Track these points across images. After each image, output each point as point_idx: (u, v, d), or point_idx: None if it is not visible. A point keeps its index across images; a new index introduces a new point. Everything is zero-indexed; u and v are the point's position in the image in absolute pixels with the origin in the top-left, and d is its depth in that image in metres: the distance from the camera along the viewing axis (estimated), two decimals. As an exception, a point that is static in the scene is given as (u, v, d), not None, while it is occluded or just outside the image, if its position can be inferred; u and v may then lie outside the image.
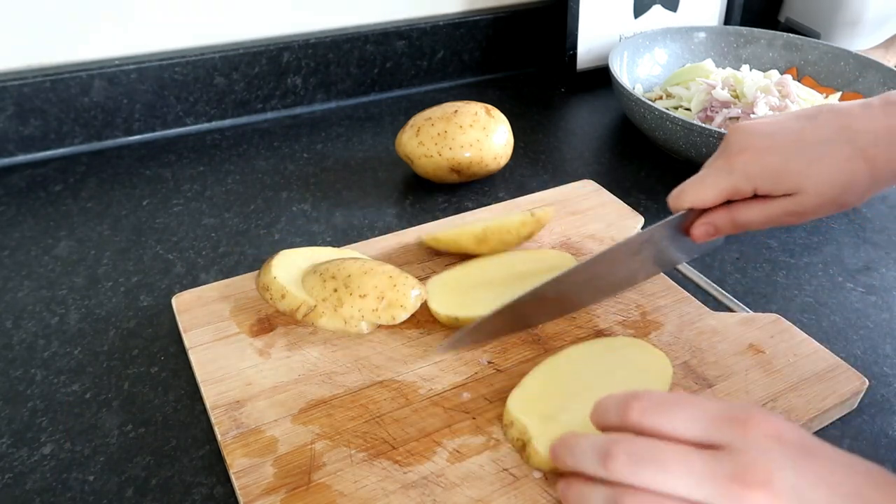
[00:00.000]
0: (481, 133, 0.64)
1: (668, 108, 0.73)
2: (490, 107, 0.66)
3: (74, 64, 0.73)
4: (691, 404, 0.35)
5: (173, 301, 0.52)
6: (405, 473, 0.40)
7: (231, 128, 0.80)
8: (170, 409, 0.46)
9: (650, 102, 0.69)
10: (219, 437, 0.42)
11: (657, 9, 0.92)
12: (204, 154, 0.75)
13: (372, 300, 0.47)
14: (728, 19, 0.97)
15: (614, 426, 0.35)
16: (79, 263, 0.59)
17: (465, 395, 0.45)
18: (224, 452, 0.41)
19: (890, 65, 0.77)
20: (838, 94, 0.79)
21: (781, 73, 0.82)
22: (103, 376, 0.48)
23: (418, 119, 0.66)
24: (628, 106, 0.73)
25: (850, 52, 0.80)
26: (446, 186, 0.69)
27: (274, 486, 0.39)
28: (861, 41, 0.96)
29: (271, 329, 0.49)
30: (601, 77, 0.89)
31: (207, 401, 0.44)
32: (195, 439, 0.44)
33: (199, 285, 0.54)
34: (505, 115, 0.68)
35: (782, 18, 1.06)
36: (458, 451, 0.41)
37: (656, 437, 0.34)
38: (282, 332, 0.49)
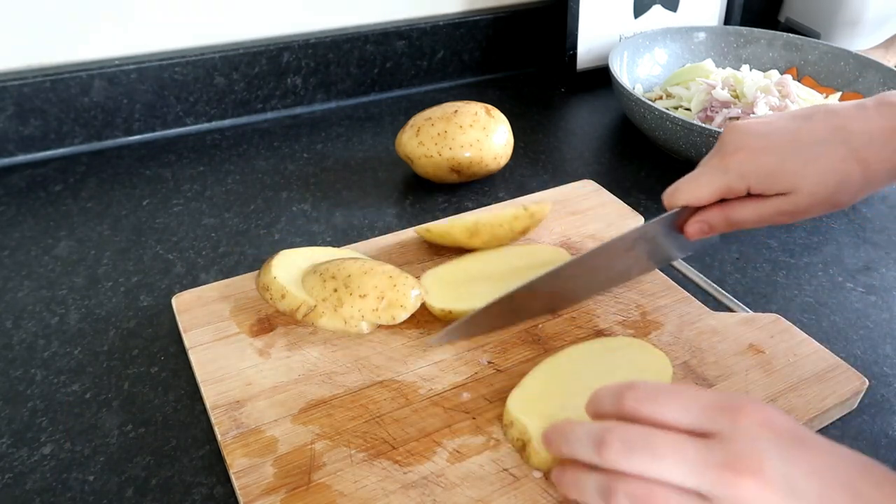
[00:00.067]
0: (481, 133, 0.64)
1: (668, 108, 0.73)
2: (490, 107, 0.66)
3: (74, 64, 0.73)
4: (684, 393, 0.35)
5: (173, 301, 0.52)
6: (405, 473, 0.40)
7: (231, 128, 0.80)
8: (170, 409, 0.46)
9: (650, 102, 0.69)
10: (219, 437, 0.42)
11: (657, 9, 0.92)
12: (204, 154, 0.75)
13: (372, 300, 0.47)
14: (728, 19, 0.97)
15: (609, 415, 0.36)
16: (79, 263, 0.59)
17: (465, 395, 0.45)
18: (224, 452, 0.41)
19: (890, 65, 0.77)
20: (838, 94, 0.79)
21: (781, 73, 0.82)
22: (103, 376, 0.48)
23: (418, 119, 0.66)
24: (628, 106, 0.73)
25: (850, 52, 0.80)
26: (446, 186, 0.69)
27: (274, 486, 0.39)
28: (861, 41, 0.96)
29: (271, 329, 0.49)
30: (601, 77, 0.89)
31: (207, 401, 0.44)
32: (195, 439, 0.44)
33: (199, 285, 0.54)
34: (505, 115, 0.68)
35: (782, 18, 1.06)
36: (458, 451, 0.41)
37: (650, 425, 0.34)
38: (282, 332, 0.49)
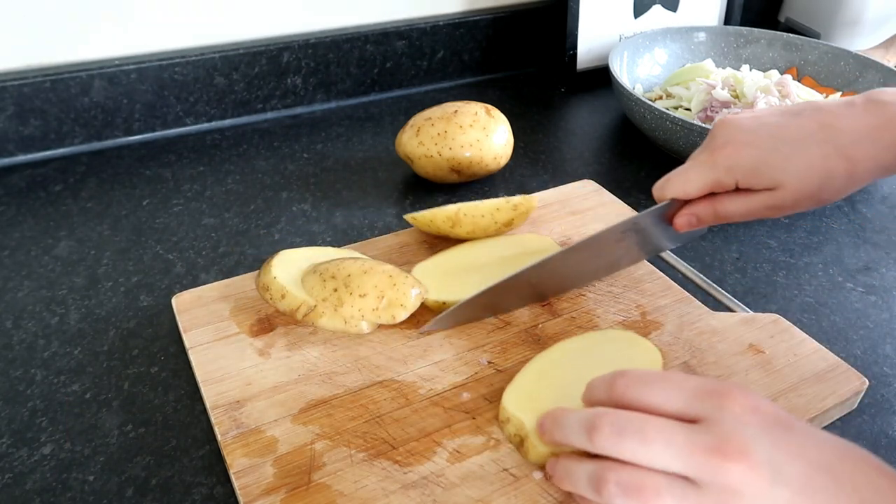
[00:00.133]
0: (481, 133, 0.64)
1: (668, 108, 0.73)
2: (490, 107, 0.66)
3: (74, 64, 0.73)
4: (673, 379, 0.36)
5: (173, 301, 0.52)
6: (405, 473, 0.40)
7: (231, 128, 0.80)
8: (170, 409, 0.46)
9: (650, 102, 0.69)
10: (219, 437, 0.42)
11: (657, 9, 0.92)
12: (204, 154, 0.75)
13: (372, 299, 0.47)
14: (728, 19, 0.97)
15: (603, 402, 0.37)
16: (79, 263, 0.59)
17: (465, 395, 0.45)
18: (224, 452, 0.41)
19: (890, 65, 0.77)
20: (838, 95, 0.79)
21: (781, 73, 0.82)
22: (103, 376, 0.48)
23: (418, 119, 0.66)
24: (628, 106, 0.73)
25: (850, 52, 0.80)
26: (446, 186, 0.69)
27: (274, 486, 0.39)
28: (861, 41, 0.96)
29: (271, 329, 0.49)
30: (601, 77, 0.89)
31: (207, 401, 0.44)
32: (195, 439, 0.44)
33: (199, 285, 0.54)
34: (505, 115, 0.68)
35: (782, 18, 1.06)
36: (458, 451, 0.41)
37: (640, 410, 0.35)
38: (282, 332, 0.49)
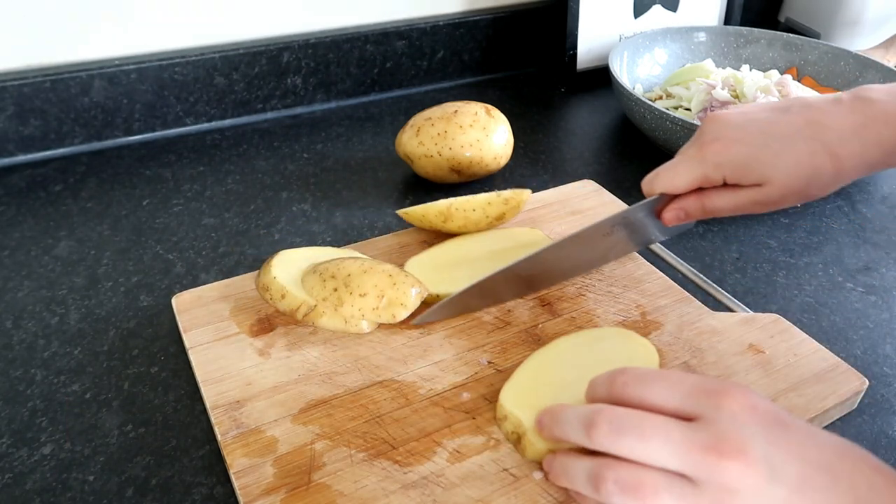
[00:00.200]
0: (481, 133, 0.64)
1: (668, 108, 0.73)
2: (490, 107, 0.66)
3: (74, 64, 0.73)
4: (671, 377, 0.36)
5: (173, 301, 0.52)
6: (405, 473, 0.40)
7: (231, 128, 0.80)
8: (170, 409, 0.46)
9: (650, 102, 0.69)
10: (219, 437, 0.42)
11: (657, 9, 0.92)
12: (204, 154, 0.75)
13: (372, 299, 0.47)
14: (728, 19, 0.97)
15: (602, 399, 0.37)
16: (79, 263, 0.59)
17: (465, 395, 0.45)
18: (224, 452, 0.41)
19: (890, 65, 0.77)
20: (838, 94, 0.79)
21: (781, 73, 0.82)
22: (103, 376, 0.48)
23: (418, 119, 0.66)
24: (628, 106, 0.73)
25: (850, 52, 0.80)
26: (446, 186, 0.69)
27: (274, 486, 0.39)
28: (861, 41, 0.96)
29: (271, 329, 0.49)
30: (601, 77, 0.89)
31: (207, 401, 0.44)
32: (195, 439, 0.44)
33: (199, 285, 0.54)
34: (505, 115, 0.68)
35: (782, 18, 1.06)
36: (458, 451, 0.41)
37: (638, 408, 0.35)
38: (282, 332, 0.49)
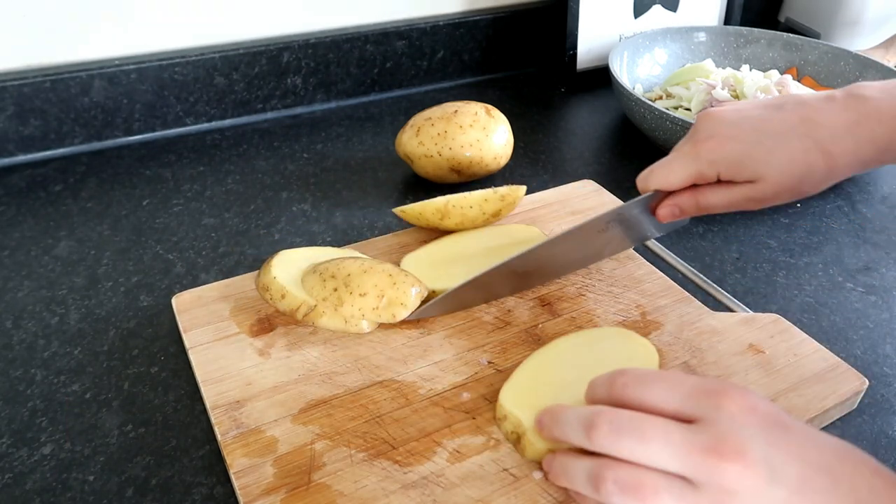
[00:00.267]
0: (481, 133, 0.64)
1: (668, 108, 0.73)
2: (490, 107, 0.66)
3: (74, 64, 0.73)
4: (671, 379, 0.36)
5: (173, 301, 0.52)
6: (405, 473, 0.40)
7: (231, 128, 0.80)
8: (170, 409, 0.46)
9: (650, 102, 0.69)
10: (219, 437, 0.42)
11: (657, 9, 0.92)
12: (204, 154, 0.75)
13: (372, 298, 0.47)
14: (728, 19, 0.97)
15: (603, 400, 0.37)
16: (79, 263, 0.59)
17: (465, 395, 0.45)
18: (224, 452, 0.41)
19: (890, 65, 0.77)
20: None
21: (781, 73, 0.82)
22: (103, 376, 0.48)
23: (418, 119, 0.66)
24: (628, 106, 0.73)
25: (850, 52, 0.80)
26: (446, 186, 0.69)
27: (274, 486, 0.39)
28: (861, 41, 0.96)
29: (271, 329, 0.49)
30: (601, 77, 0.89)
31: (207, 401, 0.44)
32: (195, 439, 0.44)
33: (199, 285, 0.54)
34: (505, 115, 0.68)
35: (782, 18, 1.06)
36: (458, 451, 0.41)
37: (638, 409, 0.35)
38: (282, 332, 0.49)
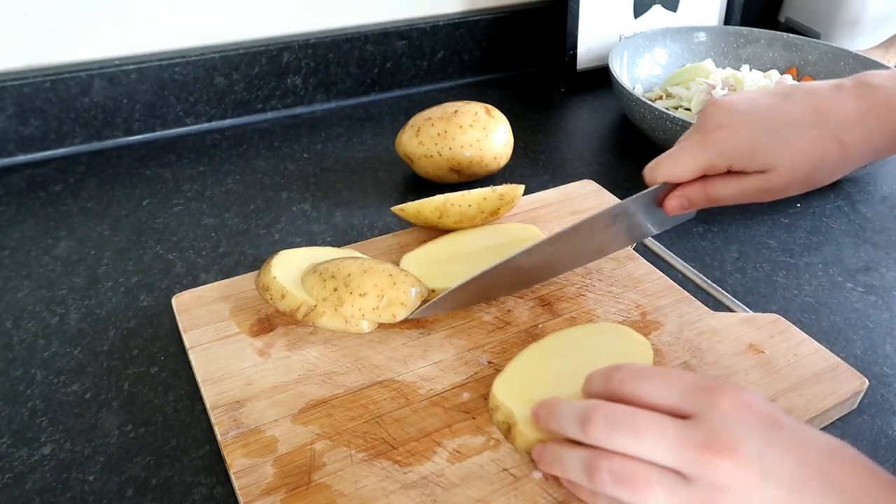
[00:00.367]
0: (481, 133, 0.64)
1: (668, 108, 0.73)
2: (490, 107, 0.66)
3: (74, 64, 0.73)
4: (667, 375, 0.36)
5: (173, 301, 0.52)
6: (405, 473, 0.40)
7: (231, 128, 0.80)
8: (170, 409, 0.46)
9: (650, 102, 0.69)
10: (219, 437, 0.42)
11: (657, 9, 0.92)
12: (204, 154, 0.75)
13: (372, 298, 0.47)
14: (728, 19, 0.97)
15: (599, 395, 0.38)
16: (79, 263, 0.59)
17: (465, 395, 0.45)
18: (224, 452, 0.41)
19: (890, 65, 0.77)
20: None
21: (781, 73, 0.82)
22: (103, 376, 0.48)
23: (418, 119, 0.66)
24: (628, 106, 0.73)
25: (850, 52, 0.80)
26: (446, 186, 0.69)
27: (274, 486, 0.39)
28: (861, 41, 0.96)
29: (271, 329, 0.49)
30: (601, 77, 0.89)
31: (207, 401, 0.44)
32: (195, 439, 0.44)
33: (199, 285, 0.54)
34: (505, 115, 0.68)
35: (782, 18, 1.06)
36: (458, 451, 0.41)
37: (634, 404, 0.35)
38: (282, 332, 0.49)
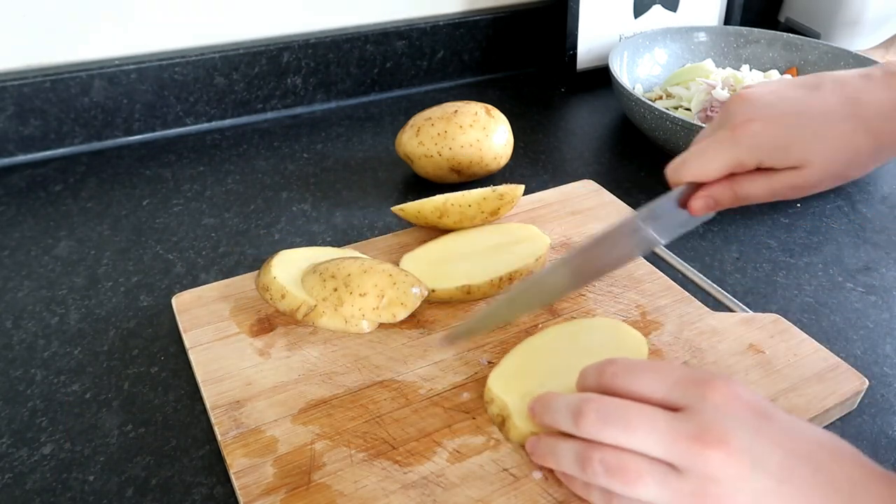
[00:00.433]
0: (481, 133, 0.64)
1: (668, 108, 0.73)
2: (490, 107, 0.66)
3: (74, 64, 0.73)
4: (659, 369, 0.37)
5: (173, 301, 0.52)
6: (405, 473, 0.40)
7: (231, 128, 0.80)
8: (170, 409, 0.46)
9: (650, 102, 0.69)
10: (219, 437, 0.42)
11: (657, 9, 0.92)
12: (204, 154, 0.75)
13: (372, 298, 0.47)
14: (728, 19, 0.97)
15: (592, 389, 0.38)
16: (79, 263, 0.59)
17: (465, 395, 0.45)
18: (224, 452, 0.41)
19: (890, 65, 0.77)
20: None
21: (781, 73, 0.82)
22: (103, 376, 0.48)
23: (418, 119, 0.66)
24: (628, 106, 0.73)
25: (850, 52, 0.80)
26: (446, 186, 0.69)
27: (274, 486, 0.39)
28: (861, 41, 0.96)
29: (271, 329, 0.49)
30: (601, 77, 0.89)
31: (207, 401, 0.44)
32: (195, 439, 0.44)
33: (199, 285, 0.54)
34: (505, 115, 0.68)
35: (782, 18, 1.06)
36: (458, 451, 0.41)
37: (627, 398, 0.36)
38: (282, 332, 0.49)
